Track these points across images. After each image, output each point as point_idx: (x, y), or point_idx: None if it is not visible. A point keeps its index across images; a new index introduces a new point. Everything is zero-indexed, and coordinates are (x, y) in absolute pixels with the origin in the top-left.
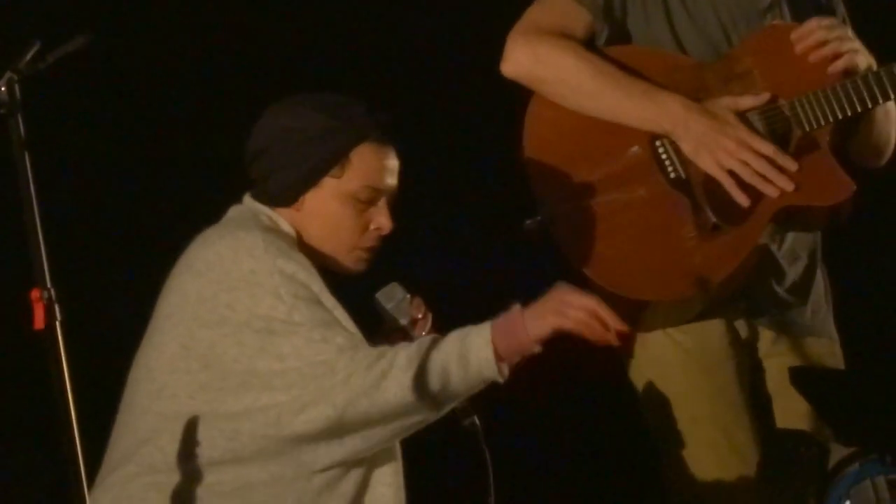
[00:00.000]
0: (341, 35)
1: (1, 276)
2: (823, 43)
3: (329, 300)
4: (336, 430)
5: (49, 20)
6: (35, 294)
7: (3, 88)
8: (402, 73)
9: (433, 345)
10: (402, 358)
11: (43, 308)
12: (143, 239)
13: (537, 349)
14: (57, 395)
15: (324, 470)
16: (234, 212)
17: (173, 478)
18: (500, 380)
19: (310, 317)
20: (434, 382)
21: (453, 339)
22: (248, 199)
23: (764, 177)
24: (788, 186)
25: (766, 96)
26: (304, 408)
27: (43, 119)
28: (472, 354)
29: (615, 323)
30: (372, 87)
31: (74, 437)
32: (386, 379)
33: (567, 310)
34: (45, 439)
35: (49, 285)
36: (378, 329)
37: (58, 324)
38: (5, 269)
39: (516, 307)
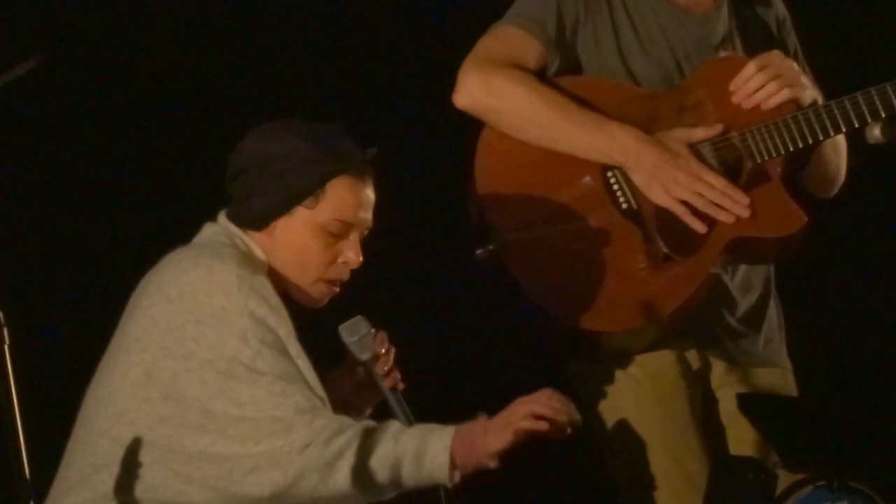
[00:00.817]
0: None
1: None
2: (761, 87)
3: (295, 348)
4: (283, 497)
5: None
6: None
7: None
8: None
9: (393, 434)
10: (359, 440)
11: None
12: (90, 259)
13: (493, 465)
14: (4, 415)
15: None
16: (209, 231)
17: None
18: (449, 486)
19: (273, 366)
20: (385, 473)
21: (414, 434)
22: (222, 219)
23: (716, 207)
24: (740, 217)
25: (718, 128)
26: (257, 469)
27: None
28: (428, 456)
29: (569, 415)
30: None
31: (22, 458)
32: (341, 459)
33: (525, 417)
34: None
35: None
36: (341, 361)
37: (6, 347)
38: None
39: (482, 417)
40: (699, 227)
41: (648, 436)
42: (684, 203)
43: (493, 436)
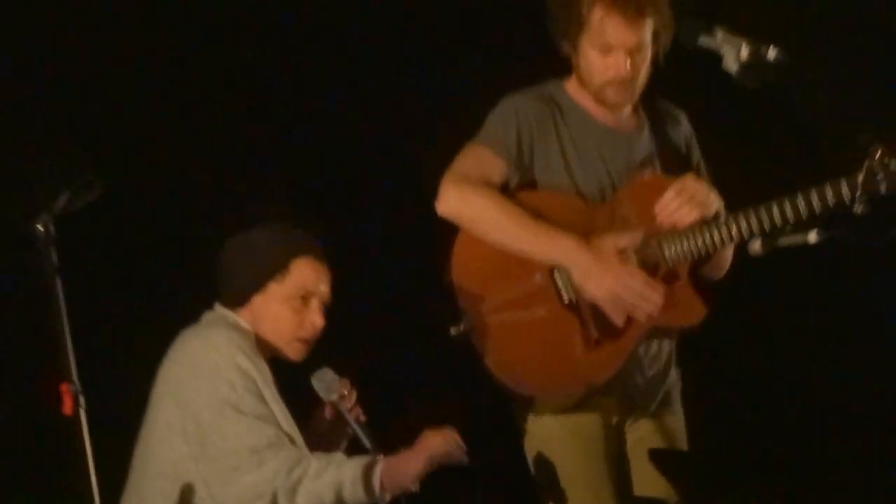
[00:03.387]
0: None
1: (39, 371)
2: (679, 208)
3: (270, 394)
4: None
5: (75, 171)
6: (64, 387)
7: (40, 228)
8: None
9: (338, 463)
10: (312, 468)
11: (71, 398)
12: (149, 342)
13: (415, 488)
14: (82, 468)
15: None
16: (207, 317)
17: None
18: None
19: (253, 409)
20: (331, 495)
21: (353, 463)
22: (217, 306)
23: (637, 301)
24: (656, 310)
25: (640, 236)
26: (242, 497)
27: (71, 249)
28: (363, 481)
29: (463, 448)
30: None
31: (95, 501)
32: (300, 485)
33: (432, 448)
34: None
35: (75, 380)
36: (316, 402)
37: (82, 410)
38: (43, 365)
39: (404, 453)
40: (623, 317)
41: (573, 472)
42: (613, 297)
43: (412, 463)
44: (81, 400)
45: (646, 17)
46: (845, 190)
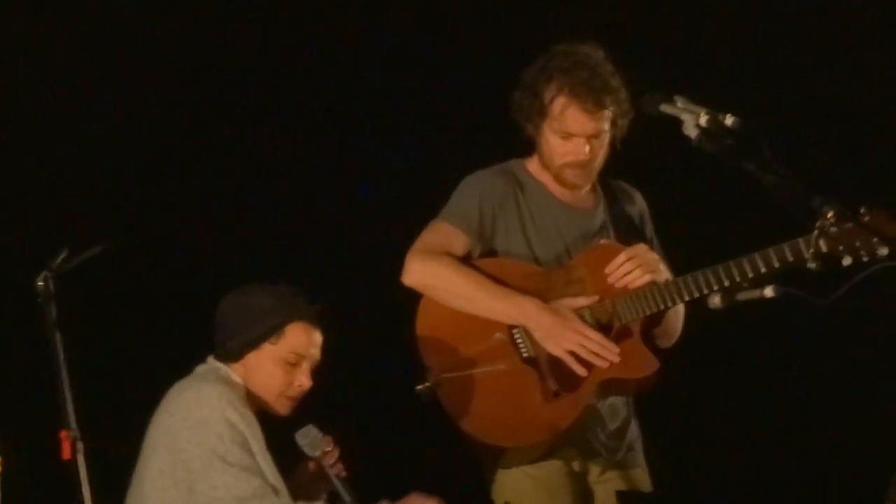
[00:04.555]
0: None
1: (40, 419)
2: (630, 271)
3: (258, 446)
4: None
5: (75, 228)
6: (63, 434)
7: (40, 283)
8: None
9: None
10: None
11: (70, 444)
12: (144, 389)
13: None
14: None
15: None
16: (200, 369)
17: None
18: None
19: (240, 460)
20: None
21: None
22: (210, 359)
23: (593, 356)
24: (610, 362)
25: (594, 297)
26: None
27: (70, 304)
28: None
29: None
30: None
31: None
32: None
33: None
34: None
35: (74, 427)
36: (300, 458)
37: (80, 455)
38: (44, 413)
39: (384, 503)
40: (581, 370)
41: None
42: (571, 353)
43: None
44: (80, 446)
45: (604, 109)
46: (796, 250)
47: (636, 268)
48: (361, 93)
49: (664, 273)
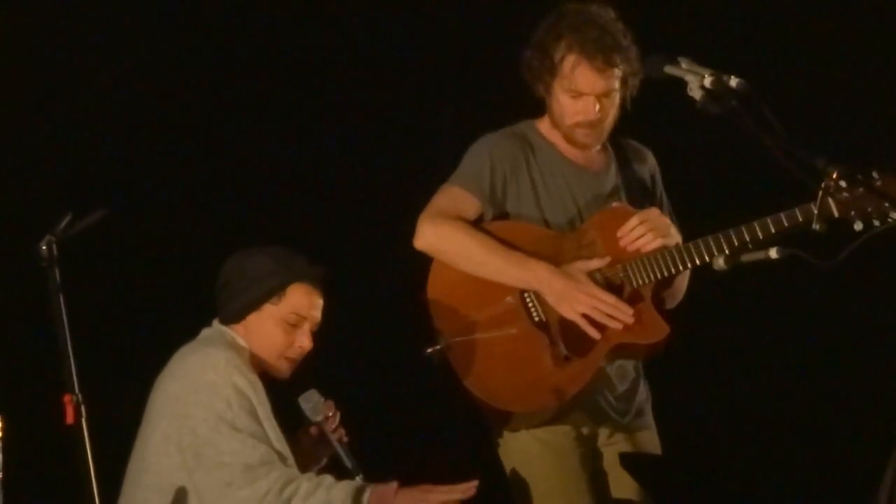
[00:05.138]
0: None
1: (43, 383)
2: (642, 235)
3: (264, 412)
4: None
5: (79, 193)
6: (67, 398)
7: (44, 248)
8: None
9: (327, 486)
10: (303, 489)
11: (73, 409)
12: (147, 353)
13: None
14: (83, 474)
15: None
16: (205, 332)
17: None
18: None
19: (247, 426)
20: None
21: (344, 487)
22: (215, 323)
23: (607, 318)
24: (624, 324)
25: (606, 259)
26: None
27: (72, 268)
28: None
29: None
30: None
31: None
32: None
33: (431, 499)
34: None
35: (77, 391)
36: (302, 422)
37: (84, 420)
38: (47, 377)
39: (393, 484)
40: (594, 333)
41: (550, 484)
42: (585, 316)
43: (402, 500)
44: (83, 410)
45: (614, 67)
46: (802, 215)
47: (648, 231)
48: (364, 52)
49: (675, 237)
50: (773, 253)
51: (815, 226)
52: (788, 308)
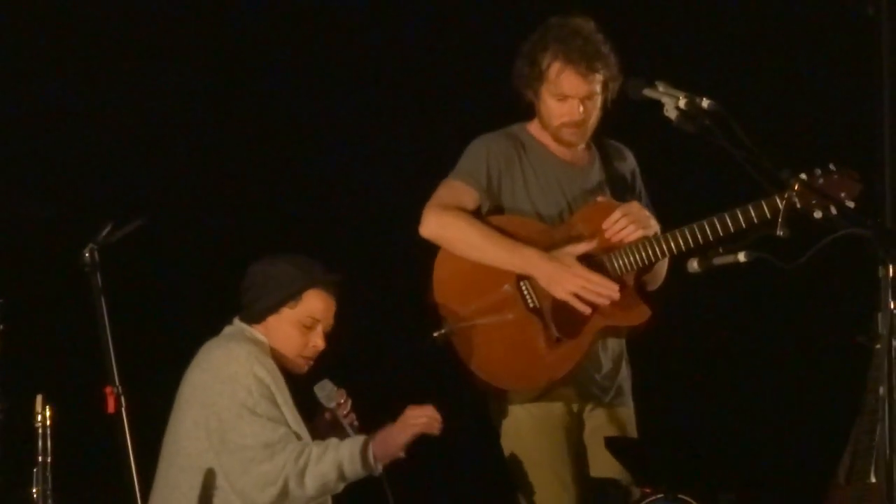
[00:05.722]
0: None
1: (87, 377)
2: (625, 227)
3: (282, 398)
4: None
5: (119, 203)
6: (108, 389)
7: (87, 255)
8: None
9: (334, 446)
10: (314, 453)
11: (114, 399)
12: (178, 349)
13: (402, 455)
14: (124, 459)
15: None
16: (228, 329)
17: None
18: (376, 474)
19: (267, 412)
20: (334, 473)
21: (348, 443)
22: (236, 321)
23: (595, 295)
24: (617, 296)
25: (593, 242)
26: (258, 484)
27: (114, 273)
28: (359, 456)
29: (439, 421)
30: None
31: (135, 487)
32: (306, 468)
33: (414, 421)
34: (112, 488)
35: (117, 384)
36: (318, 408)
37: (123, 410)
38: (90, 371)
39: (389, 425)
40: (585, 309)
41: (539, 455)
42: (575, 295)
43: (399, 434)
44: (122, 401)
45: (596, 73)
46: (766, 210)
47: (630, 224)
48: (376, 60)
49: (654, 227)
50: (742, 256)
51: (780, 232)
52: (754, 304)
